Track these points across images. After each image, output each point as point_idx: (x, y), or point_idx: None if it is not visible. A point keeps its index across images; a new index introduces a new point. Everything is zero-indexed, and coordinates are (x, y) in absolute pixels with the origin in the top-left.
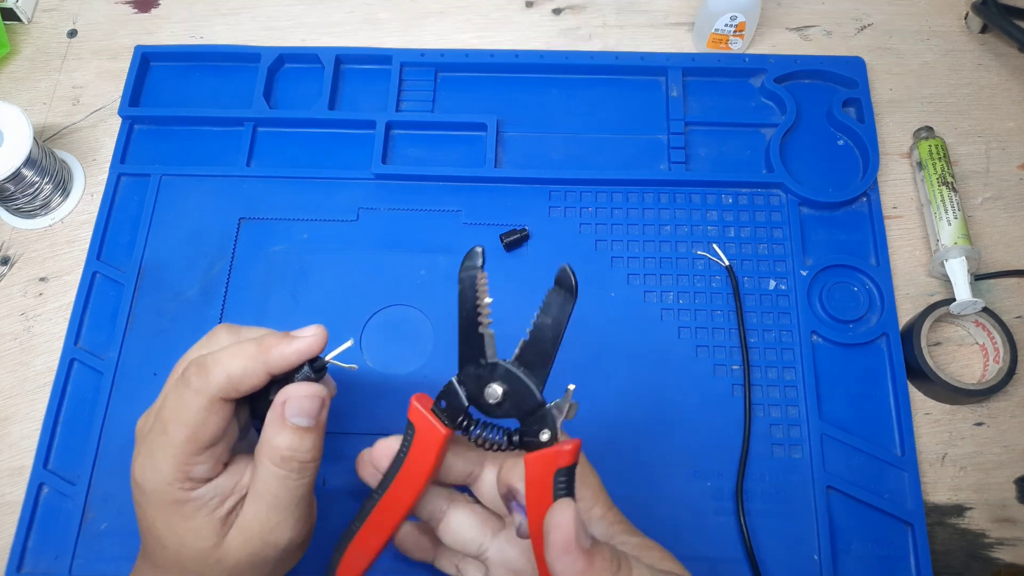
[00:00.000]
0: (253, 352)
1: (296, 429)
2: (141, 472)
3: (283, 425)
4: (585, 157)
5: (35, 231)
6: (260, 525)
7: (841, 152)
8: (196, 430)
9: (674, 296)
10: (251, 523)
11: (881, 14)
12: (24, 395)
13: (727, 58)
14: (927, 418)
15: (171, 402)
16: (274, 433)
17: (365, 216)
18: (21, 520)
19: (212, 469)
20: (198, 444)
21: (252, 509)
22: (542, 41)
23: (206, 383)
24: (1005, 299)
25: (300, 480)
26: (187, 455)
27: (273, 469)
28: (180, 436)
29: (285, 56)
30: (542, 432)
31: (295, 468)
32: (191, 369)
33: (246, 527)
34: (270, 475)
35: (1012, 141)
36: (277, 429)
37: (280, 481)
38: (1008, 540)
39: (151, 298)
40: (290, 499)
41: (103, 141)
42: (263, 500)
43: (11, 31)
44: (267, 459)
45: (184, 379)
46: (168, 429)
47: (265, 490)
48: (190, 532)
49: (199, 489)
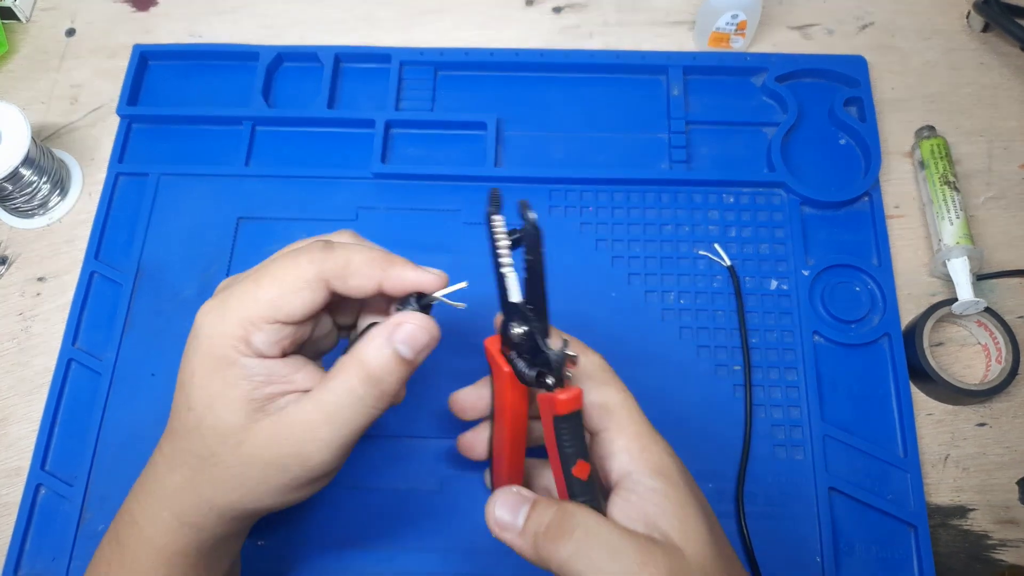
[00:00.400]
0: (379, 258)
1: (395, 355)
2: (205, 314)
3: (387, 345)
4: (586, 156)
5: (33, 231)
6: (303, 431)
7: (843, 151)
8: (287, 293)
9: (675, 296)
10: (295, 424)
11: (883, 13)
12: (22, 395)
13: (728, 57)
14: (929, 419)
15: (280, 260)
16: (373, 350)
17: (364, 216)
18: (18, 521)
19: (270, 348)
20: (278, 311)
21: (305, 413)
22: (542, 39)
23: (323, 258)
24: (1007, 299)
25: (372, 408)
26: (261, 316)
27: (353, 383)
28: (268, 293)
29: (284, 55)
30: (547, 376)
31: (374, 393)
32: (315, 243)
33: (287, 424)
34: (346, 389)
35: (1014, 140)
36: (379, 347)
37: (354, 399)
38: (1011, 541)
39: (149, 298)
40: (350, 422)
41: (101, 140)
42: (322, 409)
43: (9, 30)
44: (353, 373)
45: (305, 248)
46: (261, 281)
47: (331, 401)
48: (222, 398)
49: (251, 359)
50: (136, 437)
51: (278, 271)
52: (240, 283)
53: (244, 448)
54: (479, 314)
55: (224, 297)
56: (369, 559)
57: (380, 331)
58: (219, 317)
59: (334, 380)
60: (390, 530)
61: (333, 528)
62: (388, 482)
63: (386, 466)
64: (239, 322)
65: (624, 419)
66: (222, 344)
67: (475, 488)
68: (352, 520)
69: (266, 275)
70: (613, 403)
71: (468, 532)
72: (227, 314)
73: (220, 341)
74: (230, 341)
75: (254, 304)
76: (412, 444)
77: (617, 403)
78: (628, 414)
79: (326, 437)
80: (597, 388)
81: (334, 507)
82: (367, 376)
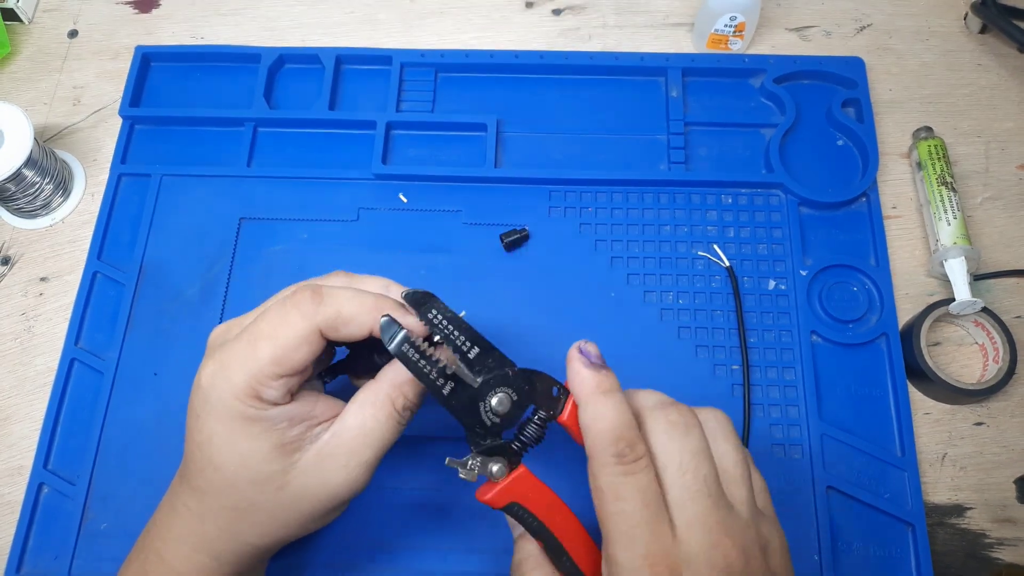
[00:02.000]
0: (370, 305)
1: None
2: (210, 380)
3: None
4: (585, 157)
5: (36, 231)
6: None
7: (840, 152)
8: (286, 352)
9: (674, 296)
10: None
11: (880, 14)
12: (24, 395)
13: (727, 58)
14: (927, 418)
15: (272, 317)
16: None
17: (365, 216)
18: (21, 520)
19: (282, 397)
20: (281, 367)
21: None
22: (542, 41)
23: (315, 311)
24: (1004, 299)
25: (405, 423)
26: (266, 375)
27: (392, 411)
28: (267, 353)
29: (285, 56)
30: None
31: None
32: (304, 293)
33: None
34: (387, 415)
35: (1011, 141)
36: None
37: (394, 423)
38: (1008, 540)
39: (151, 298)
40: (387, 439)
41: (104, 141)
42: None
43: (12, 31)
44: (391, 400)
45: (294, 300)
46: (258, 343)
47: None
48: (255, 453)
49: (269, 410)
50: (138, 436)
51: (272, 330)
52: (236, 344)
53: (287, 490)
54: (476, 313)
55: (223, 361)
56: (369, 558)
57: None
58: (225, 381)
59: (375, 407)
60: (390, 529)
61: (334, 527)
62: (389, 481)
63: (386, 466)
64: (247, 384)
65: None
66: (233, 405)
67: (475, 487)
68: (352, 519)
69: (260, 336)
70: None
71: (470, 532)
72: (232, 377)
73: (234, 403)
74: (245, 401)
75: (255, 365)
76: (412, 444)
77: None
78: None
79: (369, 457)
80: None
81: None
82: (404, 404)
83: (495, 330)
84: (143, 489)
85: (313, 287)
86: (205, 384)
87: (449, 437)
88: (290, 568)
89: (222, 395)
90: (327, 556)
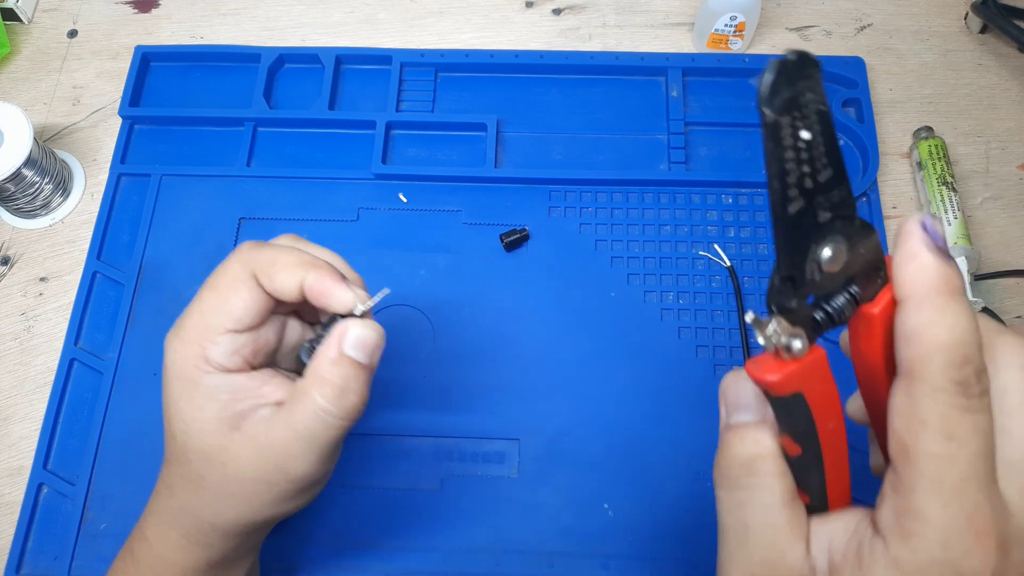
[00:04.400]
0: (305, 261)
1: (352, 362)
2: (169, 342)
3: (340, 357)
4: (585, 157)
5: (35, 231)
6: (279, 449)
7: (841, 152)
8: (227, 297)
9: (674, 296)
10: (270, 443)
11: (881, 14)
12: (24, 395)
13: (727, 58)
14: None
15: (215, 272)
16: (328, 364)
17: (365, 216)
18: (20, 520)
19: (230, 359)
20: (225, 317)
21: (278, 431)
22: (542, 41)
23: (250, 256)
24: (1005, 299)
25: (341, 419)
26: (211, 327)
27: (318, 402)
28: (210, 302)
29: (285, 56)
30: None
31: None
32: (244, 244)
33: (263, 445)
34: (312, 407)
35: (1012, 141)
36: (332, 360)
37: (319, 417)
38: None
39: (151, 298)
40: (322, 437)
41: (103, 141)
42: (292, 427)
43: (11, 31)
44: (315, 391)
45: (235, 252)
46: (203, 295)
47: (300, 420)
48: (195, 422)
49: (213, 375)
50: (138, 436)
51: (212, 280)
52: (188, 307)
53: (229, 468)
54: (476, 313)
55: (179, 324)
56: (369, 558)
57: (327, 344)
58: (180, 341)
59: (300, 400)
60: (390, 529)
61: (333, 526)
62: (389, 481)
63: (387, 465)
64: (195, 340)
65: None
66: (184, 366)
67: (475, 487)
68: (352, 519)
69: (204, 288)
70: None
71: (469, 531)
72: (183, 335)
73: (183, 364)
74: (192, 362)
75: (201, 318)
76: (413, 443)
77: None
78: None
79: (302, 452)
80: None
81: (334, 506)
82: (330, 391)
83: (495, 330)
84: (143, 489)
85: (252, 242)
86: (166, 349)
87: (447, 436)
88: (288, 568)
89: (175, 357)
90: (323, 555)
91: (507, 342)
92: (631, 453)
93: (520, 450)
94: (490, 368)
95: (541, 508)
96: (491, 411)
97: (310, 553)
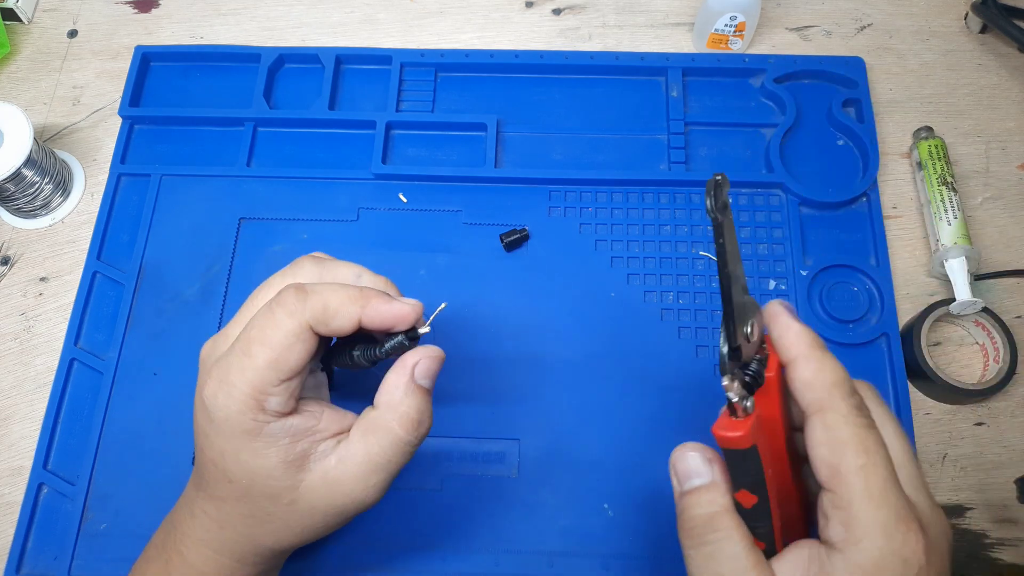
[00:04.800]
0: (355, 296)
1: (423, 391)
2: (213, 397)
3: (413, 387)
4: (585, 157)
5: (35, 231)
6: (355, 481)
7: (841, 152)
8: (281, 354)
9: (674, 296)
10: (344, 476)
11: (881, 14)
12: (24, 395)
13: (727, 58)
14: (927, 418)
15: (260, 322)
16: (404, 395)
17: (365, 216)
18: (20, 520)
19: (286, 404)
20: (280, 370)
21: (354, 466)
22: (542, 41)
23: (303, 308)
24: (1005, 299)
25: (415, 445)
26: (266, 381)
27: (398, 434)
28: (263, 358)
29: (285, 56)
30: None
31: (417, 433)
32: (288, 292)
33: (335, 479)
34: (391, 440)
35: (1012, 141)
36: (408, 391)
37: (399, 445)
38: (1009, 540)
39: (151, 298)
40: (396, 463)
41: (103, 141)
42: (370, 459)
43: (11, 31)
44: (396, 425)
45: (279, 300)
46: (251, 350)
47: (379, 452)
48: (261, 470)
49: (272, 424)
50: (138, 436)
51: (262, 335)
52: (231, 356)
53: (298, 505)
54: (476, 313)
55: (222, 375)
56: (370, 557)
57: (399, 375)
58: (228, 396)
59: (377, 435)
60: (391, 528)
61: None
62: None
63: None
64: (249, 395)
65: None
66: (241, 421)
67: (476, 487)
68: (352, 520)
69: (252, 342)
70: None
71: (469, 531)
72: (234, 392)
73: (238, 419)
74: (248, 415)
75: (255, 374)
76: None
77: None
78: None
79: (379, 482)
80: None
81: None
82: (410, 422)
83: (495, 330)
84: (143, 489)
85: (295, 286)
86: (208, 403)
87: (447, 436)
88: (288, 568)
89: (226, 412)
90: (323, 554)
91: (507, 342)
92: (631, 453)
93: (520, 450)
94: (490, 368)
95: (541, 508)
96: (491, 411)
97: (310, 552)
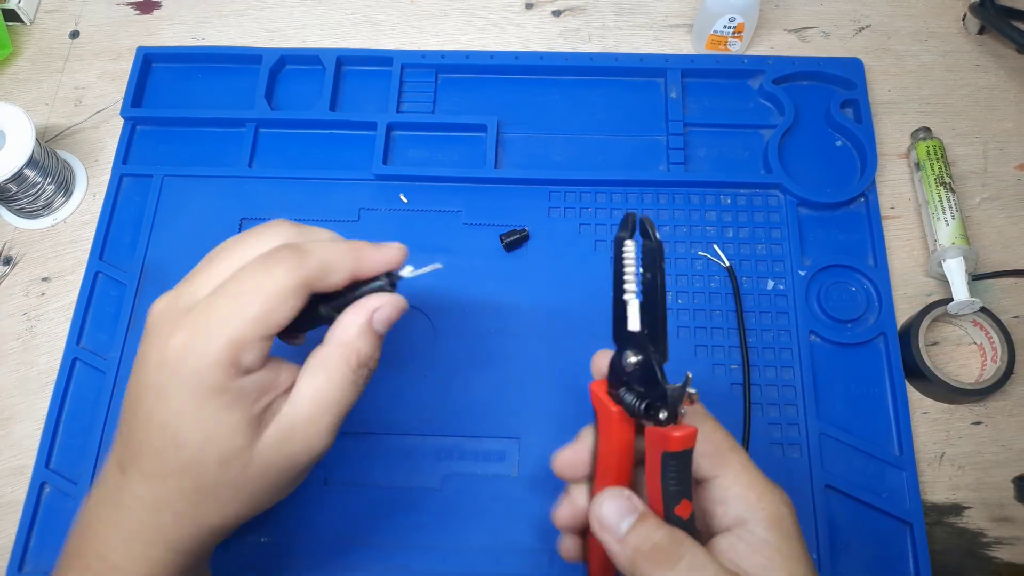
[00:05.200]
0: (347, 250)
1: (377, 337)
2: (182, 348)
3: (370, 331)
4: (585, 158)
5: (37, 231)
6: (307, 424)
7: (839, 153)
8: (275, 306)
9: (673, 296)
10: (298, 423)
11: (879, 15)
12: (26, 395)
13: (726, 59)
14: (925, 417)
15: (253, 275)
16: (359, 336)
17: (366, 216)
18: (23, 520)
19: (258, 362)
20: (267, 324)
21: (306, 409)
22: (542, 43)
23: (300, 264)
24: (1003, 299)
25: (362, 385)
26: (250, 334)
27: (345, 371)
28: (254, 310)
29: (286, 57)
30: (660, 411)
31: (364, 373)
32: (285, 250)
33: (290, 427)
34: (341, 376)
35: (1010, 142)
36: (362, 333)
37: (350, 384)
38: (1006, 539)
39: (153, 298)
40: (346, 403)
41: (105, 142)
42: (322, 400)
43: (13, 32)
44: (344, 362)
45: (277, 256)
46: (242, 301)
47: (329, 389)
48: (223, 427)
49: (240, 379)
50: None
51: (257, 286)
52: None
53: (252, 467)
54: (476, 313)
55: (198, 327)
56: (370, 556)
57: (359, 317)
58: (204, 346)
59: (327, 371)
60: (391, 528)
61: (334, 525)
62: (389, 479)
63: (387, 463)
64: (228, 345)
65: (738, 466)
66: (211, 374)
67: (476, 486)
68: (353, 517)
69: (243, 292)
70: (724, 448)
71: (469, 530)
72: (211, 341)
73: (208, 372)
74: (220, 368)
75: (242, 325)
76: (413, 441)
77: (727, 448)
78: (741, 461)
79: (329, 423)
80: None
81: (335, 504)
82: (358, 361)
83: (495, 330)
84: None
85: (291, 245)
86: (174, 356)
87: (447, 435)
88: (289, 567)
89: (196, 365)
90: (324, 554)
91: (507, 342)
92: None
93: (520, 450)
94: (490, 367)
95: (541, 507)
96: (491, 410)
97: (311, 552)
